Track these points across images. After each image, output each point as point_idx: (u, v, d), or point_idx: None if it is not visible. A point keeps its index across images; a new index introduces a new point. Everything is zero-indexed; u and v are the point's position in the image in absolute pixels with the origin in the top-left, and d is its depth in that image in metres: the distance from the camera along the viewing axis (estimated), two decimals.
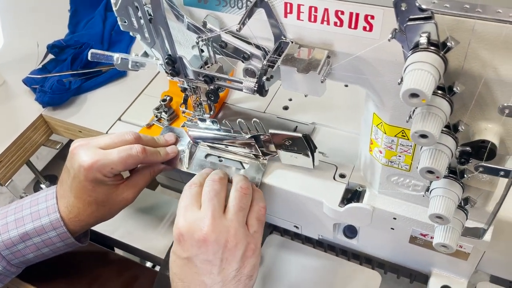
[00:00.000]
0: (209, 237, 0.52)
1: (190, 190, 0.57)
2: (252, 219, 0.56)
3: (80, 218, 0.60)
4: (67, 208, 0.59)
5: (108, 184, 0.59)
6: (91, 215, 0.60)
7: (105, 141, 0.59)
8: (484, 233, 0.52)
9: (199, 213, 0.54)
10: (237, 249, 0.53)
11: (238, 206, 0.55)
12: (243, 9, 0.47)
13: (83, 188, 0.58)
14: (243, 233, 0.54)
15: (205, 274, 0.52)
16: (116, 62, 0.60)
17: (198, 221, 0.53)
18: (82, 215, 0.59)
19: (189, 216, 0.54)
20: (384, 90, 0.47)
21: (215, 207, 0.54)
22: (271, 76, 0.48)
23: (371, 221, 0.60)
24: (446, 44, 0.36)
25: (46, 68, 0.86)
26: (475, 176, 0.46)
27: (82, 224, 0.60)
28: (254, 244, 0.54)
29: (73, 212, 0.59)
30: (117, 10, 0.52)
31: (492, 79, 0.40)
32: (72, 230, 0.60)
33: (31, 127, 0.80)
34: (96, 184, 0.57)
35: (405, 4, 0.36)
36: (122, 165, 0.57)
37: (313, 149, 0.59)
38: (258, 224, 0.56)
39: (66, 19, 0.99)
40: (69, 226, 0.60)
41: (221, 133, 0.64)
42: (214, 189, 0.56)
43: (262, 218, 0.57)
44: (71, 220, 0.59)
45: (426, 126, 0.38)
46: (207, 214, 0.53)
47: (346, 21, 0.43)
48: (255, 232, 0.56)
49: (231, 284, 0.52)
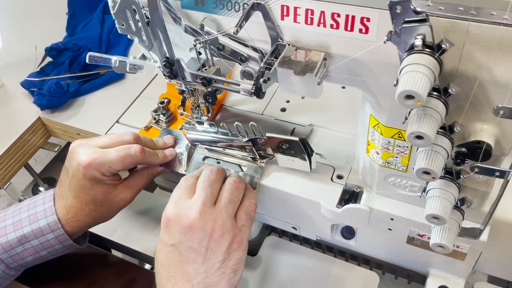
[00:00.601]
0: (196, 224, 0.52)
1: (186, 181, 0.57)
2: (242, 213, 0.56)
3: (78, 218, 0.60)
4: (65, 209, 0.59)
5: (106, 183, 0.59)
6: (89, 214, 0.60)
7: (104, 141, 0.60)
8: (480, 233, 0.52)
9: (189, 201, 0.54)
10: (223, 239, 0.52)
11: (229, 198, 0.55)
12: (240, 12, 0.48)
13: (81, 186, 0.58)
14: (231, 225, 0.54)
15: (189, 262, 0.52)
16: (114, 65, 0.60)
17: (187, 209, 0.53)
18: (80, 215, 0.59)
19: (179, 204, 0.54)
20: (381, 91, 0.47)
21: (206, 196, 0.54)
22: (268, 79, 0.48)
23: (368, 222, 0.60)
24: (441, 46, 0.37)
25: (44, 71, 0.87)
26: (471, 176, 0.47)
27: (80, 224, 0.60)
28: (240, 237, 0.54)
29: (71, 212, 0.59)
30: (115, 13, 0.53)
31: (487, 80, 0.40)
32: (70, 232, 0.60)
33: (29, 130, 0.81)
34: (94, 182, 0.58)
35: (400, 6, 0.36)
36: (120, 164, 0.57)
37: (310, 152, 0.59)
38: (247, 218, 0.56)
39: (64, 22, 0.99)
40: (67, 228, 0.60)
41: (218, 136, 0.64)
42: (210, 179, 0.56)
43: (252, 214, 0.57)
44: (69, 221, 0.59)
45: (421, 127, 0.38)
46: (197, 202, 0.53)
47: (342, 23, 0.43)
48: (243, 225, 0.55)
49: (214, 276, 0.52)
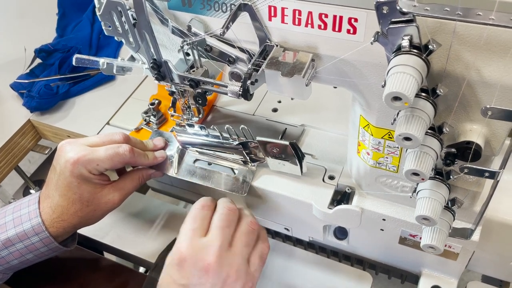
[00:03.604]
0: (212, 268, 0.51)
1: (201, 211, 0.55)
2: (255, 257, 0.55)
3: (63, 218, 0.58)
4: (50, 208, 0.58)
5: (93, 182, 0.58)
6: (75, 214, 0.58)
7: (94, 139, 0.59)
8: (472, 234, 0.52)
9: (206, 240, 0.52)
10: (236, 285, 0.52)
11: (245, 241, 0.55)
12: (227, 13, 0.47)
13: (68, 184, 0.57)
14: (245, 271, 0.53)
15: None
16: (102, 67, 0.59)
17: (203, 250, 0.52)
18: (66, 215, 0.58)
19: (195, 241, 0.52)
20: (370, 92, 0.47)
21: (224, 238, 0.53)
22: (256, 80, 0.47)
23: (360, 222, 0.60)
24: (428, 47, 0.36)
25: (34, 73, 0.86)
26: (461, 177, 0.46)
27: (65, 225, 0.59)
28: (252, 282, 0.54)
29: (57, 212, 0.58)
30: (101, 15, 0.52)
31: (475, 80, 0.40)
32: (55, 234, 0.59)
33: (19, 132, 0.80)
34: (82, 180, 0.57)
35: (386, 7, 0.36)
36: (109, 162, 0.57)
37: (301, 156, 0.58)
38: (259, 263, 0.56)
39: (54, 22, 0.98)
40: (52, 230, 0.58)
41: (209, 139, 0.63)
42: (228, 219, 0.55)
43: (265, 257, 0.57)
44: (54, 221, 0.58)
45: (409, 129, 0.38)
46: (214, 244, 0.52)
47: (330, 24, 0.43)
48: (255, 270, 0.55)
49: None
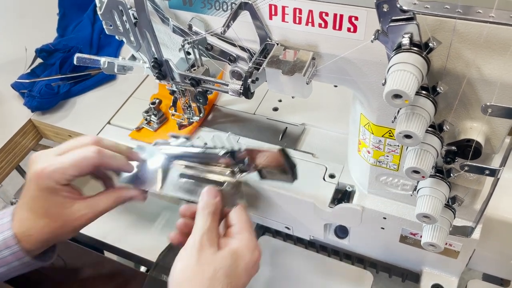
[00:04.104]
0: None
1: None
2: None
3: (30, 233, 0.55)
4: (19, 222, 0.55)
5: (62, 195, 0.55)
6: (41, 230, 0.55)
7: (62, 147, 0.56)
8: (472, 232, 0.52)
9: None
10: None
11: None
12: (228, 12, 0.47)
13: (35, 198, 0.54)
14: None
15: None
16: (103, 66, 0.59)
17: None
18: (32, 229, 0.55)
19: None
20: (370, 90, 0.47)
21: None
22: (256, 79, 0.48)
23: (361, 221, 0.60)
24: (428, 45, 0.37)
25: (35, 73, 0.86)
26: (462, 174, 0.46)
27: (32, 241, 0.55)
28: None
29: (24, 226, 0.55)
30: (102, 14, 0.52)
31: (475, 78, 0.40)
32: (28, 248, 0.55)
33: (20, 132, 0.80)
34: (49, 193, 0.54)
35: (386, 5, 0.36)
36: (75, 168, 0.54)
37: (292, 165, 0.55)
38: None
39: (55, 22, 0.98)
40: (25, 244, 0.55)
41: (194, 150, 0.60)
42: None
43: None
44: (23, 235, 0.55)
45: (410, 127, 0.38)
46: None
47: (330, 22, 0.43)
48: None
49: None
